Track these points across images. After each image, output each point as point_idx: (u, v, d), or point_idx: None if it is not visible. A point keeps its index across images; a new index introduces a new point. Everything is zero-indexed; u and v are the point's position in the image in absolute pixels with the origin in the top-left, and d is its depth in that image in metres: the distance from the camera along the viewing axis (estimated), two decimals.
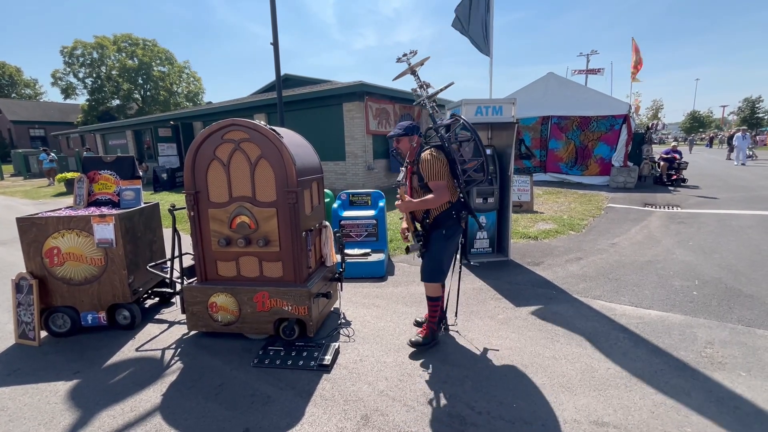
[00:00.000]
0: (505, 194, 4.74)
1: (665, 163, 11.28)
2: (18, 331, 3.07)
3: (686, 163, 11.33)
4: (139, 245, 3.36)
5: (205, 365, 2.69)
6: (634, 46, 14.09)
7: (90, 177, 3.50)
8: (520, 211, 7.54)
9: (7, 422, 2.18)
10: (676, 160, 11.21)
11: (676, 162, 11.20)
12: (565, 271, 4.38)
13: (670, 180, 11.15)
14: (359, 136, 10.85)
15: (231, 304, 2.89)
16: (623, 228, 6.26)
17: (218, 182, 2.83)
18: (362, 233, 4.72)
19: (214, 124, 2.75)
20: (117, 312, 3.22)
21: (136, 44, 38.94)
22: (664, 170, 11.26)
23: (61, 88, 38.36)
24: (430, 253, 2.74)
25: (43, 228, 3.02)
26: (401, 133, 2.72)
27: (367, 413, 2.18)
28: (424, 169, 2.63)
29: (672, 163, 11.21)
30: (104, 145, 20.63)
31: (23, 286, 3.05)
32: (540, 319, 3.26)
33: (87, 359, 2.81)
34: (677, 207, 7.81)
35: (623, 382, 2.40)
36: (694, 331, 2.98)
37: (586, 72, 26.42)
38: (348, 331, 3.12)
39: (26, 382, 2.55)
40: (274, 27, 7.75)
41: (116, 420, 2.17)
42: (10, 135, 36.31)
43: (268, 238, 2.83)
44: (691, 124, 56.55)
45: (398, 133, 2.73)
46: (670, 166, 11.22)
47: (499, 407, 2.20)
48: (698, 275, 4.11)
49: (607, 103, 11.09)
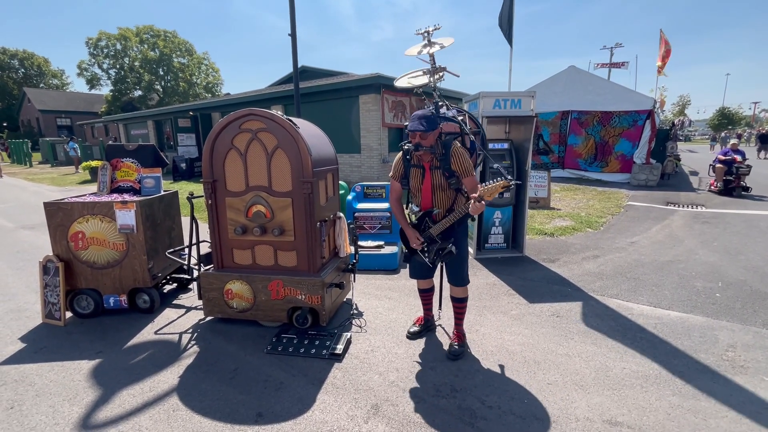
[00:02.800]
0: (522, 189, 4.66)
1: (722, 166, 8.88)
2: (45, 311, 3.21)
3: (749, 168, 8.71)
4: (159, 232, 3.45)
5: (220, 350, 2.76)
6: (663, 38, 13.57)
7: (113, 164, 3.60)
8: (537, 207, 7.42)
9: (35, 396, 2.28)
10: (736, 163, 8.75)
11: (736, 165, 8.73)
12: (581, 269, 4.29)
13: (729, 188, 8.73)
14: (375, 129, 10.82)
15: (246, 291, 2.95)
16: (643, 227, 6.09)
17: (235, 171, 2.87)
18: (376, 226, 4.73)
19: (232, 114, 2.78)
20: (137, 296, 3.32)
21: (157, 36, 39.62)
22: (720, 176, 8.89)
23: (86, 78, 39.42)
24: (462, 253, 2.53)
25: (68, 213, 3.12)
26: (429, 128, 2.29)
27: (378, 403, 2.20)
28: (462, 163, 2.36)
29: (730, 166, 8.79)
30: (126, 134, 21.16)
31: (50, 268, 3.17)
32: (554, 316, 3.21)
33: (109, 340, 2.91)
34: (701, 206, 7.54)
35: (639, 382, 2.35)
36: (716, 334, 2.89)
37: (610, 65, 25.63)
38: (360, 321, 3.14)
39: (52, 359, 2.67)
40: (293, 18, 7.75)
41: (136, 399, 2.25)
42: (38, 124, 37.62)
43: (283, 227, 2.87)
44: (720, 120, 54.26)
45: (425, 128, 2.28)
46: (728, 171, 8.79)
47: (510, 402, 2.18)
48: (722, 277, 3.98)
49: (631, 97, 10.74)
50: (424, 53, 2.75)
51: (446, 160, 2.38)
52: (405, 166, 2.53)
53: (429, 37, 2.69)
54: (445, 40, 2.76)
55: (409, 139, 2.40)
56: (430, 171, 2.44)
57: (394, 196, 2.63)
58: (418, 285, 2.89)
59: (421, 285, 2.87)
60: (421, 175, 2.48)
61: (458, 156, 2.38)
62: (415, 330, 2.90)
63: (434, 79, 2.72)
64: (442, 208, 2.51)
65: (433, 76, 2.73)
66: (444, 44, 2.73)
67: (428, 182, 2.46)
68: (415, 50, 2.82)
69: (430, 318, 3.00)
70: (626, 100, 10.67)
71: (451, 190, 2.47)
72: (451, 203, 2.51)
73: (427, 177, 2.46)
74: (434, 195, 2.49)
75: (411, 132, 2.33)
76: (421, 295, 2.93)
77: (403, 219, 2.61)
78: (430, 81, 2.73)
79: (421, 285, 2.87)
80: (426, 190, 2.49)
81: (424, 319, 2.97)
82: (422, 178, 2.48)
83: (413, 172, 2.51)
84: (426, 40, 2.72)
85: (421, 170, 2.48)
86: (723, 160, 8.97)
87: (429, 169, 2.45)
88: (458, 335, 2.73)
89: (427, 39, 2.70)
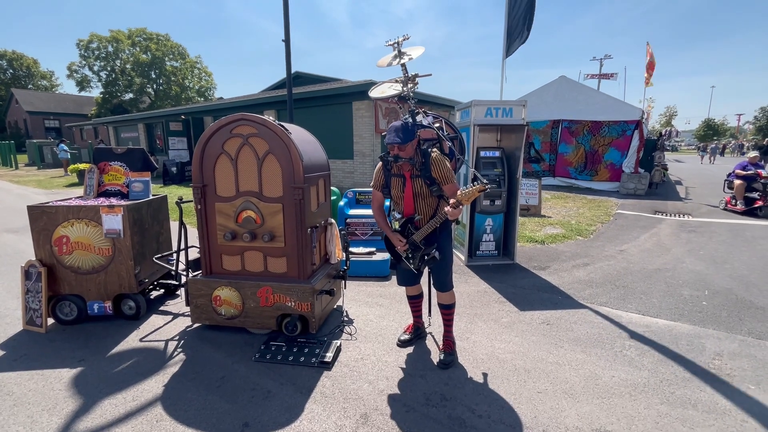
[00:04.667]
0: (513, 197, 4.70)
1: (742, 182, 7.67)
2: (26, 318, 3.12)
3: None
4: (146, 237, 3.39)
5: (207, 358, 2.70)
6: (648, 51, 13.91)
7: (101, 168, 3.54)
8: (528, 215, 7.48)
9: (12, 407, 2.21)
10: (761, 179, 7.52)
11: (762, 181, 7.48)
12: (571, 277, 4.32)
13: (752, 208, 7.45)
14: (368, 135, 10.85)
15: (235, 298, 2.91)
16: (632, 235, 6.17)
17: (226, 176, 2.84)
18: (368, 232, 4.71)
19: (224, 119, 2.76)
20: (123, 302, 3.25)
21: (150, 39, 39.38)
22: (741, 193, 7.66)
23: (76, 80, 38.91)
24: (445, 258, 2.54)
25: (53, 216, 3.06)
26: (406, 139, 2.33)
27: (367, 412, 2.17)
28: (442, 171, 2.39)
29: (752, 181, 7.60)
30: (116, 137, 20.88)
31: (32, 273, 3.09)
32: (544, 324, 3.22)
33: (92, 347, 2.84)
34: (688, 215, 7.67)
35: (627, 390, 2.36)
36: (703, 342, 2.92)
37: (599, 76, 26.16)
38: (350, 329, 3.12)
39: (32, 368, 2.59)
40: (286, 24, 7.77)
41: (118, 408, 2.19)
42: (25, 125, 36.97)
43: (273, 233, 2.84)
44: (705, 131, 55.61)
45: (402, 140, 2.32)
46: (749, 187, 7.62)
47: (500, 411, 2.17)
48: (708, 285, 4.03)
49: (620, 108, 10.95)
50: (395, 64, 2.79)
51: (426, 168, 2.41)
52: (385, 176, 2.56)
53: (399, 47, 2.73)
54: (414, 50, 2.81)
55: (388, 149, 2.43)
56: (411, 179, 2.47)
57: (376, 204, 2.66)
58: (406, 292, 2.89)
59: (409, 292, 2.87)
60: (402, 183, 2.50)
61: (437, 164, 2.40)
62: (406, 338, 2.88)
63: (408, 88, 2.75)
64: (424, 216, 2.52)
65: (406, 85, 2.76)
66: (413, 55, 2.77)
67: (409, 190, 2.49)
68: (385, 61, 2.87)
69: (420, 325, 2.98)
70: (615, 110, 10.88)
71: (433, 198, 2.49)
72: (433, 210, 2.52)
73: (408, 185, 2.48)
74: (416, 203, 2.51)
75: (389, 144, 2.37)
76: (410, 302, 2.92)
77: (385, 225, 2.62)
78: (404, 90, 2.76)
79: (410, 292, 2.86)
80: (408, 198, 2.51)
81: (414, 327, 2.95)
82: (403, 186, 2.50)
83: (394, 181, 2.54)
84: (396, 51, 2.75)
85: (401, 179, 2.50)
86: (743, 175, 7.77)
87: (410, 177, 2.47)
88: (448, 343, 2.71)
89: (398, 50, 2.73)
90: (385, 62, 2.85)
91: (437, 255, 2.46)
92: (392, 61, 2.83)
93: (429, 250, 2.46)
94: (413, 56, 2.78)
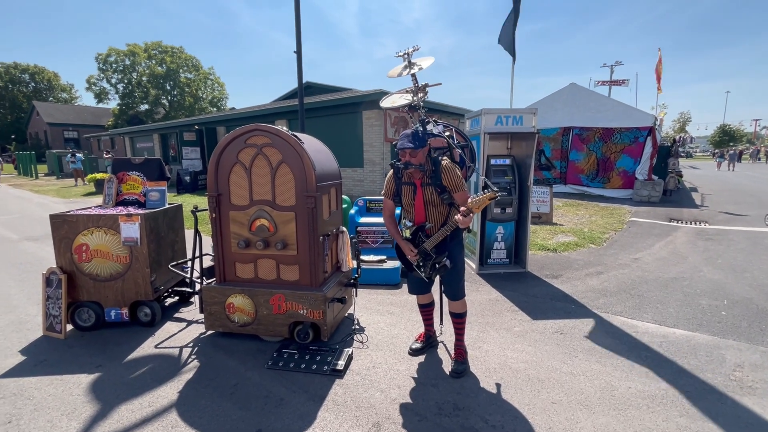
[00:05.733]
0: (524, 205, 4.68)
1: None
2: (45, 324, 3.20)
3: None
4: (162, 245, 3.46)
5: (220, 365, 2.73)
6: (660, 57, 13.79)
7: (119, 178, 3.64)
8: (539, 223, 7.41)
9: (33, 411, 2.26)
10: None
11: None
12: (584, 285, 4.26)
13: None
14: (377, 144, 10.93)
15: (248, 305, 2.94)
16: (647, 243, 6.06)
17: (240, 185, 2.90)
18: (378, 240, 4.73)
19: (238, 129, 2.83)
20: (139, 309, 3.31)
21: (165, 51, 40.52)
22: None
23: (94, 92, 40.18)
24: (457, 267, 2.53)
25: (74, 225, 3.15)
26: (419, 146, 2.35)
27: (379, 421, 2.16)
28: (452, 179, 2.40)
29: None
30: (132, 147, 21.42)
31: (53, 280, 3.18)
32: (558, 333, 3.18)
33: (109, 353, 2.89)
34: (705, 223, 7.52)
35: (645, 402, 2.31)
36: (723, 353, 2.85)
37: (610, 83, 25.96)
38: (361, 337, 3.12)
39: (51, 373, 2.65)
40: (298, 36, 7.93)
41: (134, 414, 2.22)
42: (45, 136, 38.17)
43: (286, 241, 2.88)
44: (721, 137, 54.57)
45: (414, 146, 2.34)
46: None
47: (514, 421, 2.14)
48: (727, 294, 3.94)
49: (632, 114, 10.85)
50: (405, 74, 2.84)
51: (437, 176, 2.42)
52: (396, 184, 2.59)
53: (409, 58, 2.78)
54: (424, 60, 2.86)
55: (399, 157, 2.44)
56: (422, 187, 2.48)
57: (387, 212, 2.68)
58: (417, 300, 2.88)
59: (420, 300, 2.86)
60: (413, 191, 2.51)
61: (448, 171, 2.41)
62: (417, 346, 2.87)
63: (418, 98, 2.80)
64: (435, 223, 2.53)
65: (416, 95, 2.81)
66: (423, 65, 2.82)
67: (420, 198, 2.49)
68: (396, 72, 2.93)
69: (431, 334, 2.97)
70: (627, 117, 10.78)
71: (444, 206, 2.49)
72: (444, 218, 2.52)
73: (418, 193, 2.49)
74: (427, 211, 2.51)
75: (401, 150, 2.39)
76: (422, 311, 2.91)
77: (396, 233, 2.64)
78: (414, 100, 2.80)
79: (421, 300, 2.86)
80: (418, 206, 2.52)
81: (425, 335, 2.94)
82: (414, 194, 2.51)
83: (405, 189, 2.56)
84: (406, 62, 2.80)
85: (412, 187, 2.52)
86: None
87: (420, 185, 2.48)
88: (460, 352, 2.70)
89: (408, 60, 2.78)
90: (396, 73, 2.90)
91: (448, 263, 2.46)
92: (403, 72, 2.88)
93: (440, 259, 2.46)
94: (423, 66, 2.83)
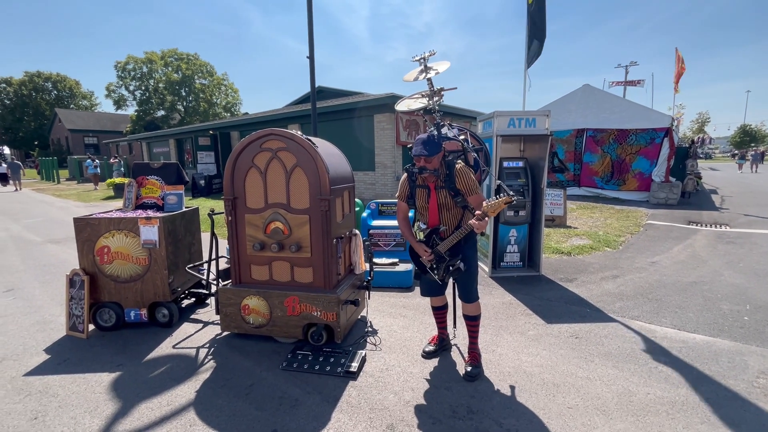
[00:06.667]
0: (538, 207, 4.63)
1: None
2: (69, 324, 3.30)
3: None
4: (180, 247, 3.54)
5: (236, 365, 2.78)
6: (678, 56, 13.52)
7: (139, 182, 3.75)
8: (553, 226, 7.32)
9: (57, 408, 2.33)
10: None
11: None
12: (600, 289, 4.20)
13: None
14: (389, 147, 10.98)
15: (262, 307, 2.99)
16: (664, 246, 5.93)
17: (255, 189, 2.95)
18: (390, 243, 4.75)
19: (253, 134, 2.89)
20: (157, 310, 3.39)
21: (180, 59, 41.41)
22: None
23: (113, 99, 41.27)
24: (470, 269, 2.54)
25: (96, 228, 3.25)
26: (433, 152, 2.38)
27: (393, 423, 2.17)
28: (466, 182, 2.42)
29: None
30: (149, 152, 21.96)
31: (76, 281, 3.28)
32: (573, 337, 3.13)
33: (129, 353, 2.97)
34: (725, 226, 7.32)
35: (665, 409, 2.26)
36: (745, 359, 2.77)
37: (625, 84, 25.49)
38: (375, 339, 3.13)
39: (74, 371, 2.73)
40: (311, 41, 8.03)
41: (154, 412, 2.28)
42: (67, 142, 39.39)
43: (300, 243, 2.92)
44: (742, 138, 53.00)
45: (429, 152, 2.37)
46: None
47: (529, 426, 2.12)
48: (750, 299, 3.82)
49: (647, 115, 10.65)
50: (421, 79, 2.87)
51: (451, 179, 2.44)
52: (410, 187, 2.61)
53: (425, 62, 2.80)
54: (440, 65, 2.88)
55: (414, 161, 2.48)
56: (436, 191, 2.50)
57: (401, 215, 2.71)
58: (431, 303, 2.89)
59: (433, 303, 2.87)
60: (427, 194, 2.54)
61: (462, 175, 2.43)
62: (430, 349, 2.87)
63: (434, 102, 2.81)
64: (449, 226, 2.54)
65: (432, 99, 2.82)
66: (439, 69, 2.85)
67: (434, 201, 2.52)
68: (412, 76, 2.96)
69: (445, 337, 2.97)
70: (643, 118, 10.58)
71: (458, 209, 2.51)
72: (458, 221, 2.53)
73: (432, 196, 2.52)
74: (441, 213, 2.54)
75: (415, 156, 2.42)
76: (435, 313, 2.91)
77: (410, 235, 2.65)
78: (429, 103, 2.82)
79: (434, 303, 2.86)
80: (432, 209, 2.54)
81: (438, 338, 2.94)
82: (428, 197, 2.54)
83: (419, 192, 2.58)
84: (422, 66, 2.83)
85: (426, 190, 2.54)
86: None
87: (434, 188, 2.50)
88: (474, 355, 2.69)
89: (424, 65, 2.80)
90: (412, 77, 2.93)
91: (462, 266, 2.46)
92: (418, 76, 2.90)
93: (454, 261, 2.47)
94: (439, 70, 2.85)
